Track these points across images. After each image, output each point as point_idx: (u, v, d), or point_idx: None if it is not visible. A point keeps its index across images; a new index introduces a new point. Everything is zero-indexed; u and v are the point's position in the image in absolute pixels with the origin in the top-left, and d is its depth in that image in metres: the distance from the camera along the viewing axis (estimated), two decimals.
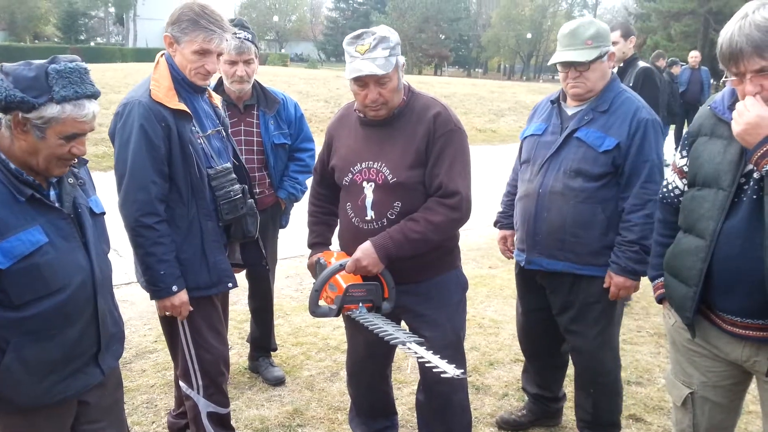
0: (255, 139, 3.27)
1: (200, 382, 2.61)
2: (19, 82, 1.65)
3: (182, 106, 2.43)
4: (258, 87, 3.32)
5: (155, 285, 2.42)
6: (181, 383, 2.68)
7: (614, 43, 4.55)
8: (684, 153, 2.07)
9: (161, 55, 2.52)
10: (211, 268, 2.51)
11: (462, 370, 1.97)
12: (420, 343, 2.13)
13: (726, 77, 1.84)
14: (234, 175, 2.59)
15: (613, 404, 2.85)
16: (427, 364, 2.03)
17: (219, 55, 2.48)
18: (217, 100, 2.76)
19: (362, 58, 2.25)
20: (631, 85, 4.48)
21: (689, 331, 2.04)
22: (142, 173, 2.36)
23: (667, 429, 3.12)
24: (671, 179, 2.15)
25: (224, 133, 2.68)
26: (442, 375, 1.96)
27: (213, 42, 2.40)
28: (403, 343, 2.12)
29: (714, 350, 2.02)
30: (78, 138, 1.76)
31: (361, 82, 2.29)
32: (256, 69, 3.22)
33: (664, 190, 2.18)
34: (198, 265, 2.49)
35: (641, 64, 4.61)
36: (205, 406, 2.63)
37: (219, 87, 3.25)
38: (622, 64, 4.62)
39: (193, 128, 2.48)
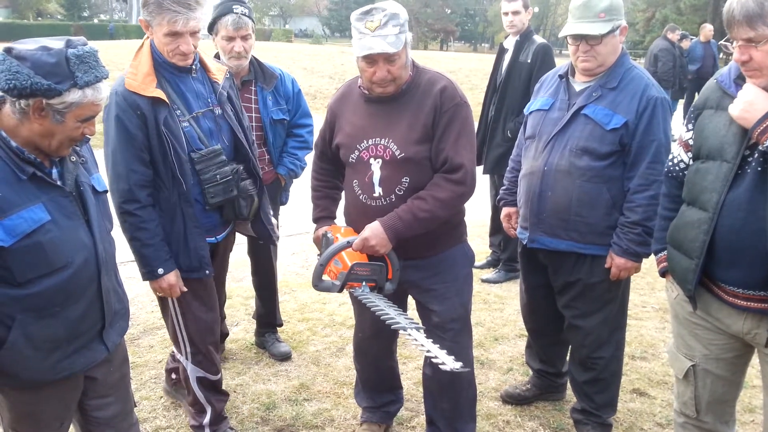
0: (253, 115, 3.25)
1: (188, 349, 2.70)
2: (39, 67, 1.62)
3: (157, 93, 2.40)
4: (255, 62, 3.29)
5: (143, 267, 2.50)
6: (173, 347, 2.80)
7: (516, 14, 4.46)
8: (690, 126, 2.06)
9: (147, 38, 2.49)
10: (191, 254, 2.55)
11: (461, 363, 1.92)
12: (418, 329, 2.11)
13: (725, 40, 1.87)
14: (223, 157, 2.57)
15: (608, 384, 2.82)
16: (426, 353, 2.02)
17: (192, 34, 2.41)
18: (219, 74, 2.66)
19: (373, 35, 2.21)
20: (529, 62, 4.37)
21: (691, 303, 2.05)
22: (121, 164, 2.42)
23: (671, 403, 3.14)
24: (677, 153, 2.14)
25: (225, 110, 2.63)
26: (441, 367, 1.93)
27: (178, 23, 2.33)
28: (404, 329, 2.11)
29: (716, 323, 2.02)
30: (91, 119, 1.77)
31: (370, 59, 2.26)
32: (253, 44, 3.20)
33: (670, 164, 2.18)
34: (180, 249, 2.53)
35: (537, 39, 4.49)
36: (193, 371, 2.72)
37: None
38: (518, 38, 4.49)
39: (177, 112, 2.47)
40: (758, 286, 1.85)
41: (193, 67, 2.54)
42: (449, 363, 1.92)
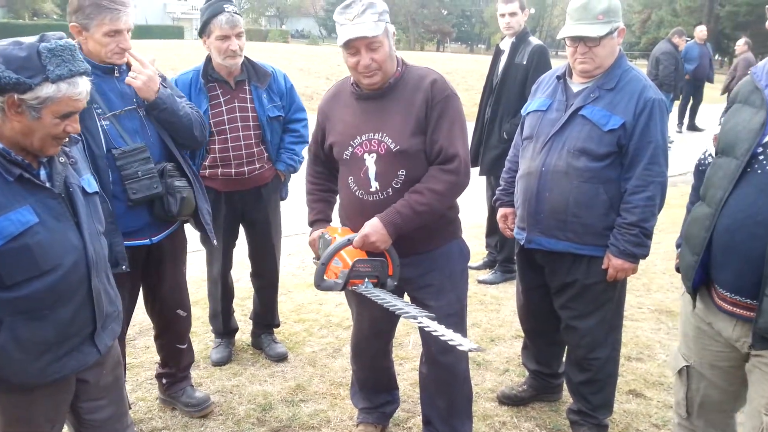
0: (250, 114, 3.25)
1: None
2: (11, 62, 1.61)
3: None
4: (247, 62, 3.29)
5: None
6: None
7: (513, 15, 4.44)
8: (722, 120, 2.01)
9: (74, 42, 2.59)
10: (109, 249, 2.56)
11: (476, 345, 1.99)
12: (429, 317, 2.13)
13: None
14: (147, 154, 2.58)
15: (603, 385, 2.81)
16: (441, 337, 2.04)
17: (128, 30, 2.54)
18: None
19: (352, 24, 2.26)
20: (525, 63, 4.37)
21: (691, 300, 2.01)
22: None
23: (667, 404, 3.15)
24: (708, 146, 2.10)
25: (149, 111, 2.64)
26: (458, 348, 1.98)
27: (120, 20, 2.47)
28: (414, 318, 2.13)
29: (712, 326, 1.98)
30: (72, 116, 1.74)
31: (353, 49, 2.30)
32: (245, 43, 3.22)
33: (701, 157, 2.15)
34: None
35: (533, 40, 4.48)
36: None
37: (208, 64, 3.22)
38: (515, 39, 4.49)
39: (98, 110, 2.50)
40: (745, 292, 1.79)
41: (116, 69, 2.60)
42: (466, 344, 1.97)
